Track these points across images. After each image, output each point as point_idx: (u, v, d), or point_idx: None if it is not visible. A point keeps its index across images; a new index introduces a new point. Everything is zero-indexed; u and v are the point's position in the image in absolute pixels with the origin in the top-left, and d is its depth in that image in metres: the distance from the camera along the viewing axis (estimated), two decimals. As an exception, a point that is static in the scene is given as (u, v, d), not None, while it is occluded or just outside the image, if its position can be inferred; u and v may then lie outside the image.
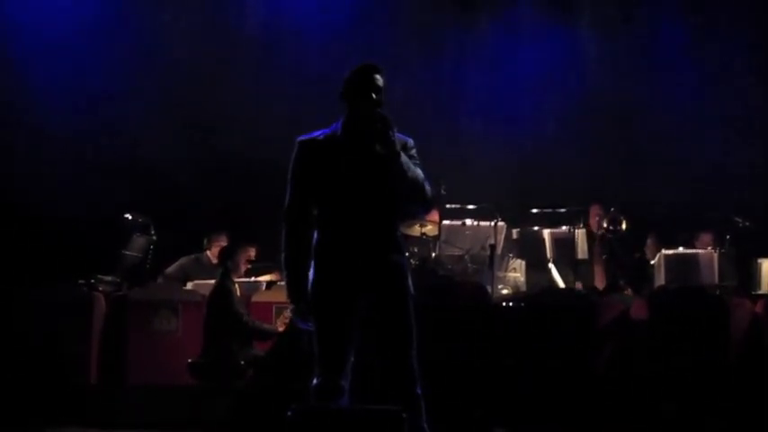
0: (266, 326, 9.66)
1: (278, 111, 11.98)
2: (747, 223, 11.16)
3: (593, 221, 11.62)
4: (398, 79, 11.44)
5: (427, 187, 5.54)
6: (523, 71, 13.34)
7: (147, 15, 12.76)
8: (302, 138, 5.59)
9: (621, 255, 11.63)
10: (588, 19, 13.42)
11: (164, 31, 12.76)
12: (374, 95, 5.48)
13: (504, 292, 10.85)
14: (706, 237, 11.34)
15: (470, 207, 11.27)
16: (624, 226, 11.41)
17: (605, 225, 11.46)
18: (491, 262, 10.39)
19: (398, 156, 5.38)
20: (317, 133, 5.58)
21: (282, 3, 13.13)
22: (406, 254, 5.78)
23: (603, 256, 11.59)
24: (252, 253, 10.69)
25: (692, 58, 12.97)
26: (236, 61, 12.94)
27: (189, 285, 10.80)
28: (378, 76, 5.53)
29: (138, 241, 11.17)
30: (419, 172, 5.48)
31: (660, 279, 10.73)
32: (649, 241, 11.60)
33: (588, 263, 11.43)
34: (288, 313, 9.36)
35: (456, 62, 13.42)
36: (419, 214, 6.12)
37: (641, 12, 13.36)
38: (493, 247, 10.50)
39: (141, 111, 12.33)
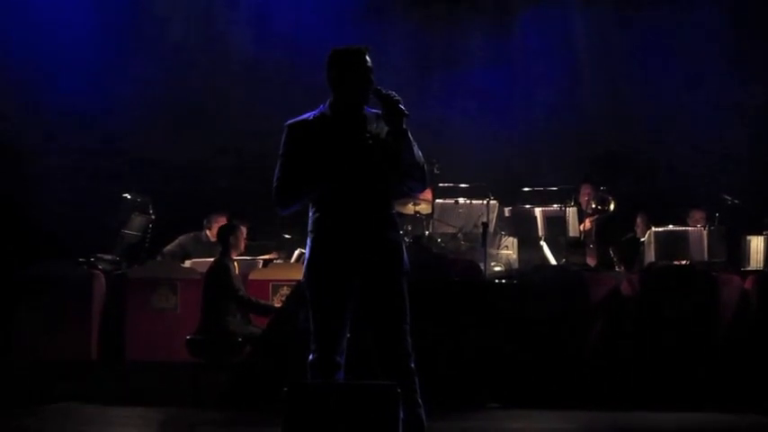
0: (263, 302, 9.80)
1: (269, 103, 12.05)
2: (736, 201, 11.28)
3: (582, 200, 11.70)
4: (393, 62, 11.61)
5: (425, 164, 5.66)
6: (517, 50, 13.46)
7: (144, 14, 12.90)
8: (291, 121, 5.63)
9: (611, 233, 11.74)
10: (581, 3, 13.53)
11: (162, 30, 12.90)
12: (372, 76, 5.57)
13: (497, 269, 10.91)
14: (698, 214, 11.42)
15: (463, 186, 11.37)
16: (612, 207, 11.53)
17: (594, 205, 11.56)
18: (484, 240, 10.42)
19: (407, 131, 5.49)
20: (305, 116, 5.63)
21: (272, 7, 13.28)
22: (401, 231, 5.86)
23: (594, 234, 11.70)
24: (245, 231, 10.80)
25: (676, 44, 13.07)
26: (231, 60, 13.10)
27: (187, 263, 10.89)
28: (368, 57, 5.61)
29: (137, 220, 11.26)
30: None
31: (650, 256, 10.81)
32: (639, 220, 11.70)
33: (579, 240, 11.53)
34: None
35: (450, 50, 13.50)
36: (416, 191, 6.16)
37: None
38: (485, 224, 10.53)
39: (142, 97, 12.45)
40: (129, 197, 11.28)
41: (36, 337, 9.92)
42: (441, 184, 11.14)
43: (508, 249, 11.51)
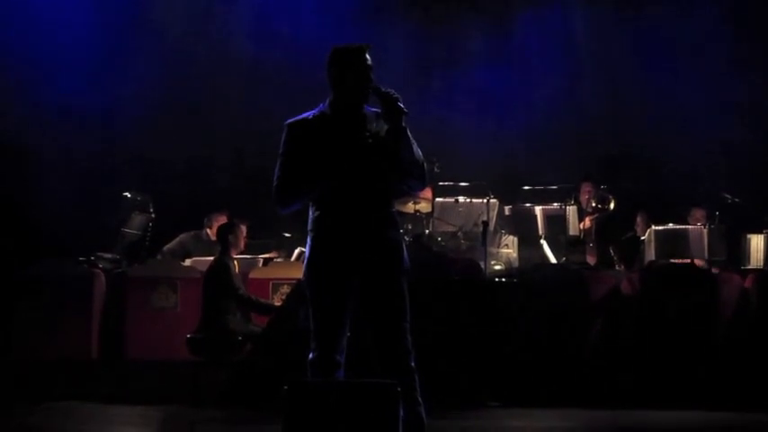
0: (263, 300, 9.81)
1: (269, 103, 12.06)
2: (737, 199, 11.30)
3: (583, 199, 11.72)
4: (393, 62, 11.61)
5: (425, 163, 5.66)
6: (517, 50, 13.47)
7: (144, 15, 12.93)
8: (291, 120, 5.63)
9: (612, 232, 11.75)
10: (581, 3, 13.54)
11: (162, 30, 12.91)
12: (371, 74, 5.58)
13: (497, 267, 10.90)
14: (698, 212, 11.43)
15: (463, 184, 11.38)
16: (612, 205, 11.54)
17: (594, 203, 11.57)
18: (484, 238, 10.41)
19: (406, 129, 5.49)
20: (304, 115, 5.63)
21: (272, 7, 13.29)
22: (401, 230, 5.86)
23: (594, 233, 11.70)
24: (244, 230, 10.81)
25: (676, 44, 13.08)
26: (231, 60, 13.12)
27: (188, 262, 10.92)
28: (368, 56, 5.61)
29: (138, 219, 11.28)
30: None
31: (651, 254, 10.81)
32: (639, 218, 11.70)
33: (579, 239, 11.54)
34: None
35: (450, 50, 13.51)
36: (416, 189, 6.18)
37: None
38: (486, 223, 10.52)
39: (142, 97, 12.46)
40: (129, 196, 11.30)
41: (36, 337, 9.93)
42: (441, 183, 11.15)
43: (508, 248, 11.52)
